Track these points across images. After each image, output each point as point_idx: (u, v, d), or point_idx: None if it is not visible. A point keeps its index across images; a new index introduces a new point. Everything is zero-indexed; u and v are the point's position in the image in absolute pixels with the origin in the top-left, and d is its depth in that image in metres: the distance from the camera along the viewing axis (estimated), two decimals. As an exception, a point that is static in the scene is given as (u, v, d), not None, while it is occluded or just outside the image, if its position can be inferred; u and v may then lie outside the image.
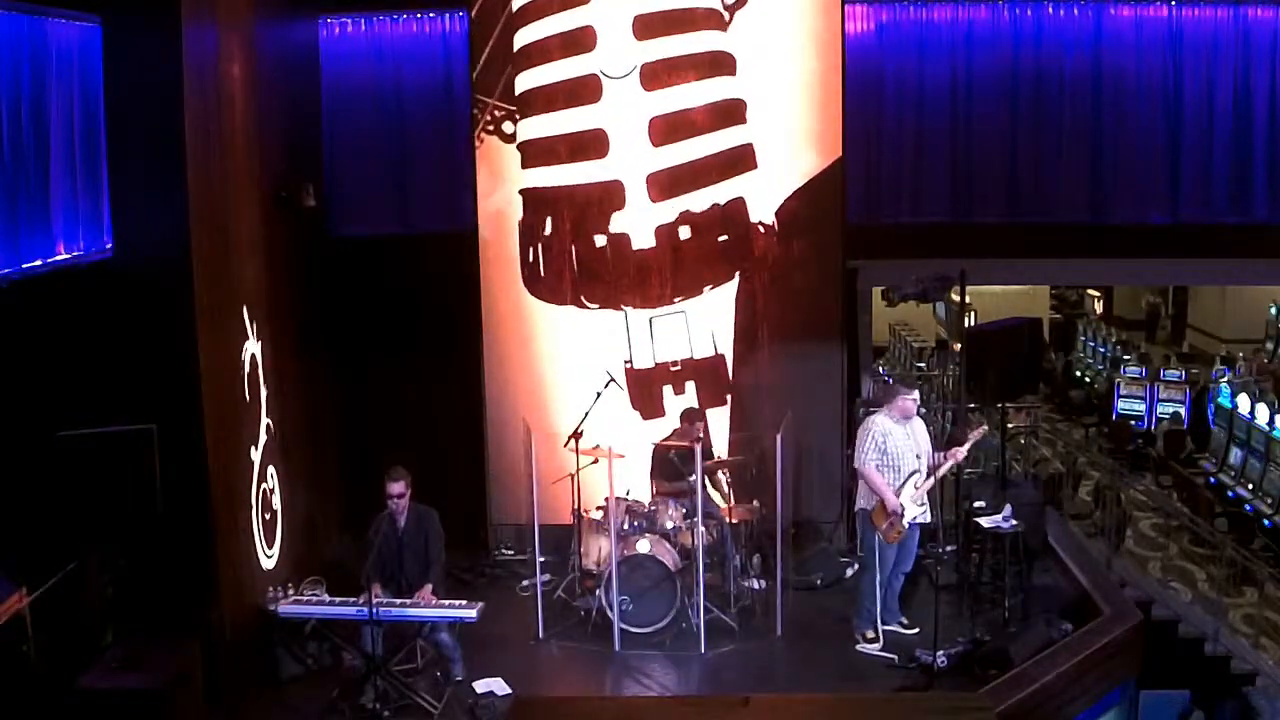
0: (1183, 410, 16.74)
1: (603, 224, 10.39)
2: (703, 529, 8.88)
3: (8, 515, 6.76)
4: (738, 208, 10.38)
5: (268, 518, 8.79)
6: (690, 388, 10.53)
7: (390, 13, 10.88)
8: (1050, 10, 10.91)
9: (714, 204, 10.34)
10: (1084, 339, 20.94)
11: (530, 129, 10.40)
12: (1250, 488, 13.71)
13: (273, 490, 8.93)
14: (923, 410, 11.07)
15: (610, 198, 10.34)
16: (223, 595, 7.81)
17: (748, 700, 6.81)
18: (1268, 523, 13.01)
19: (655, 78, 10.18)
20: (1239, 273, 12.99)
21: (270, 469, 8.89)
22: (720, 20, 10.24)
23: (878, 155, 11.13)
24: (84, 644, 7.13)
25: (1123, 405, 17.43)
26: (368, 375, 10.87)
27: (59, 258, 7.62)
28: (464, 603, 7.96)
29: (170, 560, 7.42)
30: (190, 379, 7.57)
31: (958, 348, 13.57)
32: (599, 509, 9.44)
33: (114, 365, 7.41)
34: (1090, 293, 24.97)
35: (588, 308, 10.53)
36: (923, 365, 18.88)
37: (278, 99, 9.39)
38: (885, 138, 11.12)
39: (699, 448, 8.88)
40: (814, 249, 10.46)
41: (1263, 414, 13.72)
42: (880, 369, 17.36)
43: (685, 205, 10.34)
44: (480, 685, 8.14)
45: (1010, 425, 11.92)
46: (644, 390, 10.51)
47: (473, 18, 10.39)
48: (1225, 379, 15.93)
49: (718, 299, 10.51)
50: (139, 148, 7.48)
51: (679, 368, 10.52)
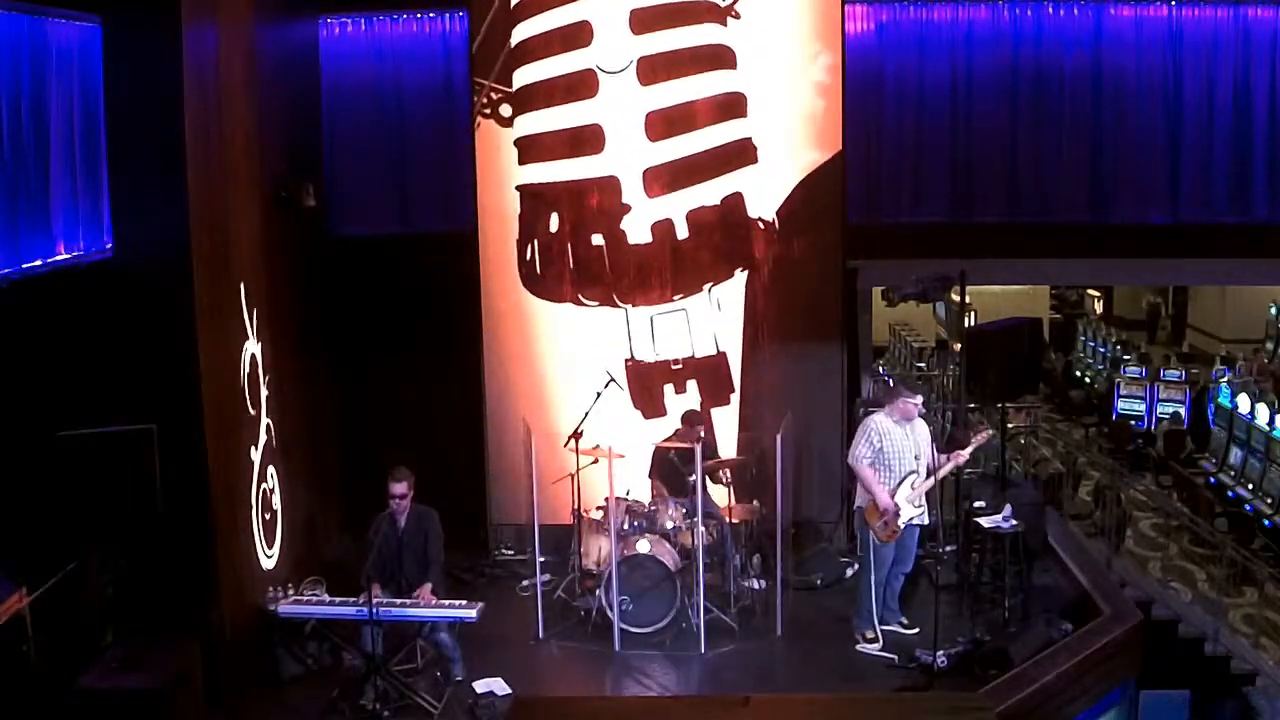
0: (1183, 410, 16.73)
1: (600, 220, 10.39)
2: (703, 529, 8.89)
3: (8, 515, 6.76)
4: (736, 203, 10.37)
5: (268, 518, 8.79)
6: (692, 387, 10.52)
7: (390, 13, 10.89)
8: (1050, 10, 10.91)
9: (712, 199, 10.31)
10: (1084, 339, 20.92)
11: (527, 125, 10.39)
12: (1250, 488, 13.70)
13: (273, 490, 8.93)
14: (923, 410, 11.07)
15: (607, 193, 10.33)
16: (223, 595, 7.82)
17: (748, 700, 6.81)
18: (1268, 523, 13.00)
19: (652, 72, 10.17)
20: (1239, 273, 12.98)
21: (270, 469, 8.88)
22: (719, 14, 10.21)
23: (878, 155, 11.13)
24: (84, 644, 7.13)
25: (1123, 405, 17.41)
26: (368, 375, 10.87)
27: (59, 258, 7.62)
28: (464, 603, 7.96)
29: (170, 560, 7.42)
30: (190, 379, 7.58)
31: (958, 348, 13.57)
32: (599, 509, 9.44)
33: (114, 365, 7.41)
34: (1090, 293, 24.95)
35: (586, 305, 10.52)
36: (923, 365, 18.87)
37: (278, 99, 9.38)
38: (885, 137, 11.13)
39: (699, 448, 8.89)
40: (814, 249, 10.46)
41: (1263, 414, 13.71)
42: (880, 369, 17.35)
43: (683, 201, 10.32)
44: (480, 685, 8.14)
45: (1010, 425, 11.92)
46: (645, 388, 10.50)
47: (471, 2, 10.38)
48: (1225, 379, 15.91)
49: (719, 297, 10.50)
50: (139, 148, 7.49)
51: (680, 366, 10.53)
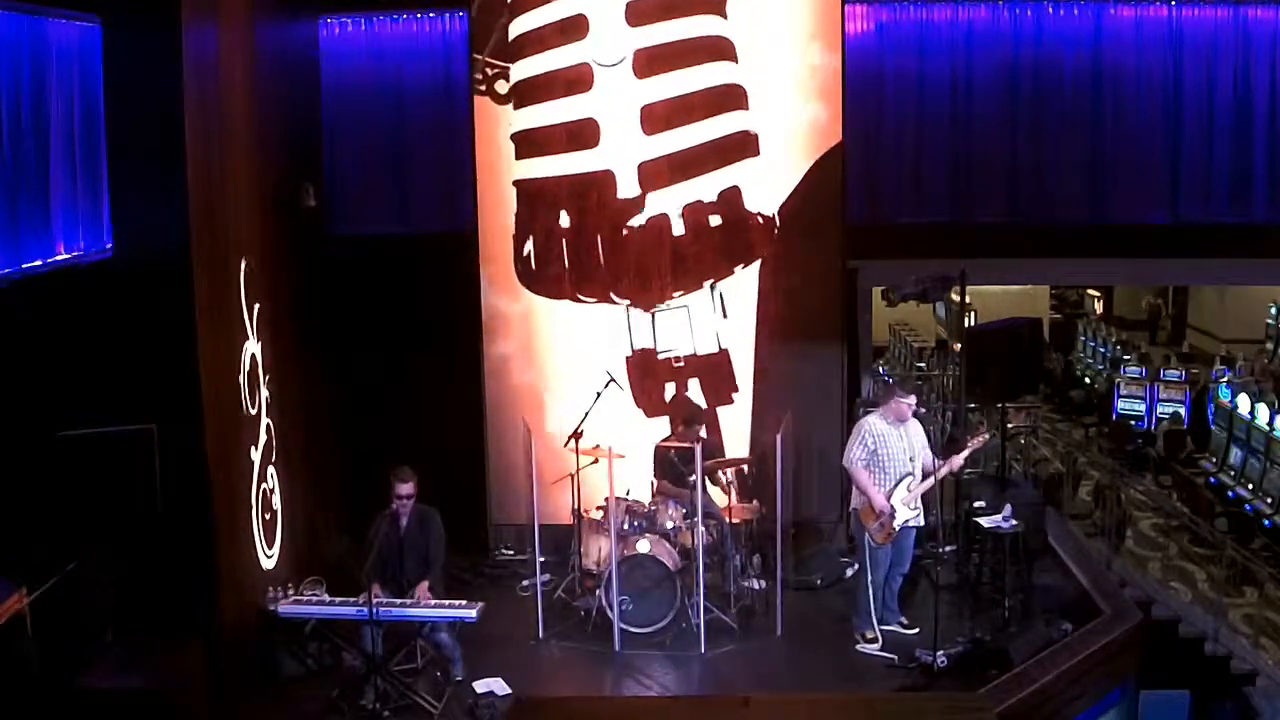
0: (1183, 410, 16.71)
1: (595, 215, 10.35)
2: (703, 529, 8.89)
3: (8, 515, 6.76)
4: (734, 198, 10.32)
5: (268, 518, 8.80)
6: (694, 385, 10.50)
7: (390, 13, 10.90)
8: (1050, 10, 10.92)
9: (710, 194, 10.26)
10: (1084, 339, 20.91)
11: (523, 119, 10.37)
12: (1250, 488, 13.68)
13: (273, 490, 8.93)
14: (922, 410, 11.06)
15: (603, 188, 10.29)
16: (223, 595, 7.82)
17: (748, 700, 6.81)
18: (1268, 523, 12.99)
19: (647, 65, 10.12)
20: (1239, 273, 12.99)
21: (270, 469, 8.89)
22: (717, 6, 10.18)
23: (878, 155, 11.13)
24: (84, 644, 7.13)
25: (1123, 405, 17.39)
26: (368, 375, 10.86)
27: (59, 258, 7.60)
28: (464, 603, 7.96)
29: (170, 560, 7.42)
30: (190, 379, 7.58)
31: (958, 348, 13.56)
32: (599, 509, 9.44)
33: (114, 365, 7.40)
34: (1090, 293, 24.94)
35: (584, 302, 10.50)
36: (923, 365, 18.83)
37: (278, 99, 9.39)
38: (885, 137, 11.13)
39: (699, 448, 8.89)
40: (814, 249, 10.46)
41: (1263, 414, 13.71)
42: (880, 369, 17.34)
43: (681, 195, 10.27)
44: (480, 685, 8.14)
45: (1010, 425, 11.91)
46: (646, 385, 10.47)
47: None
48: (1225, 379, 15.91)
49: (722, 293, 10.46)
50: (139, 148, 7.50)
51: (681, 364, 10.51)
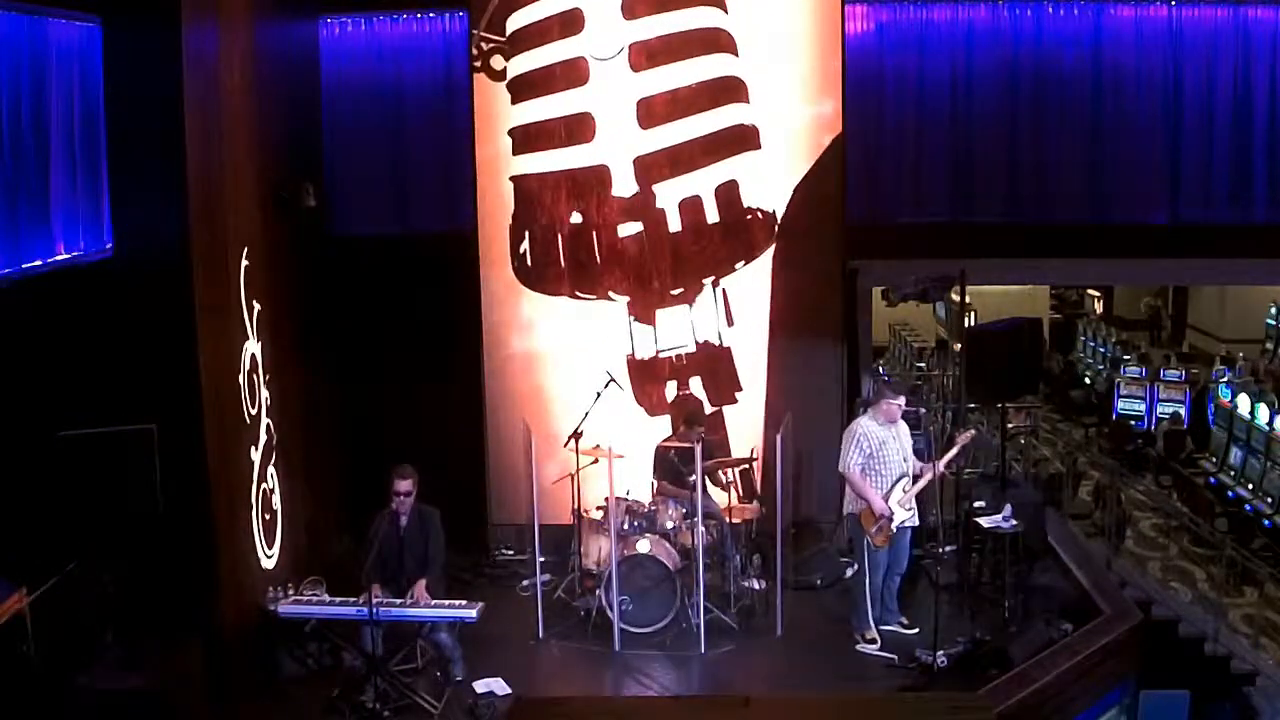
0: (1183, 410, 16.71)
1: (592, 210, 10.31)
2: (703, 529, 8.88)
3: (8, 515, 6.76)
4: (732, 192, 10.27)
5: (268, 518, 8.80)
6: (696, 384, 10.47)
7: (390, 13, 10.90)
8: (1050, 9, 10.92)
9: (708, 188, 10.22)
10: (1084, 339, 20.91)
11: (519, 114, 10.33)
12: (1250, 488, 13.68)
13: (273, 490, 8.93)
14: (923, 410, 11.05)
15: (599, 183, 10.26)
16: (223, 595, 7.83)
17: (748, 700, 6.81)
18: (1268, 523, 12.98)
19: (643, 58, 10.09)
20: (1239, 273, 12.98)
21: (270, 469, 8.89)
22: None
23: (878, 155, 11.13)
24: (84, 644, 7.13)
25: (1123, 405, 17.38)
26: (367, 375, 10.86)
27: (59, 258, 7.60)
28: (464, 603, 7.97)
29: (170, 560, 7.42)
30: (190, 379, 7.58)
31: (958, 348, 13.56)
32: (599, 509, 9.43)
33: (114, 365, 7.40)
34: (1090, 293, 24.93)
35: (582, 299, 10.46)
36: (923, 365, 18.83)
37: (278, 99, 9.39)
38: (885, 137, 11.13)
39: (699, 448, 8.88)
40: (814, 249, 10.45)
41: (1263, 414, 13.71)
42: (880, 369, 17.33)
43: (678, 189, 10.21)
44: (480, 685, 8.14)
45: (1010, 425, 11.91)
46: (648, 385, 10.45)
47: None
48: (1225, 379, 15.90)
49: (725, 290, 10.44)
50: (139, 148, 7.49)
51: (684, 362, 10.49)
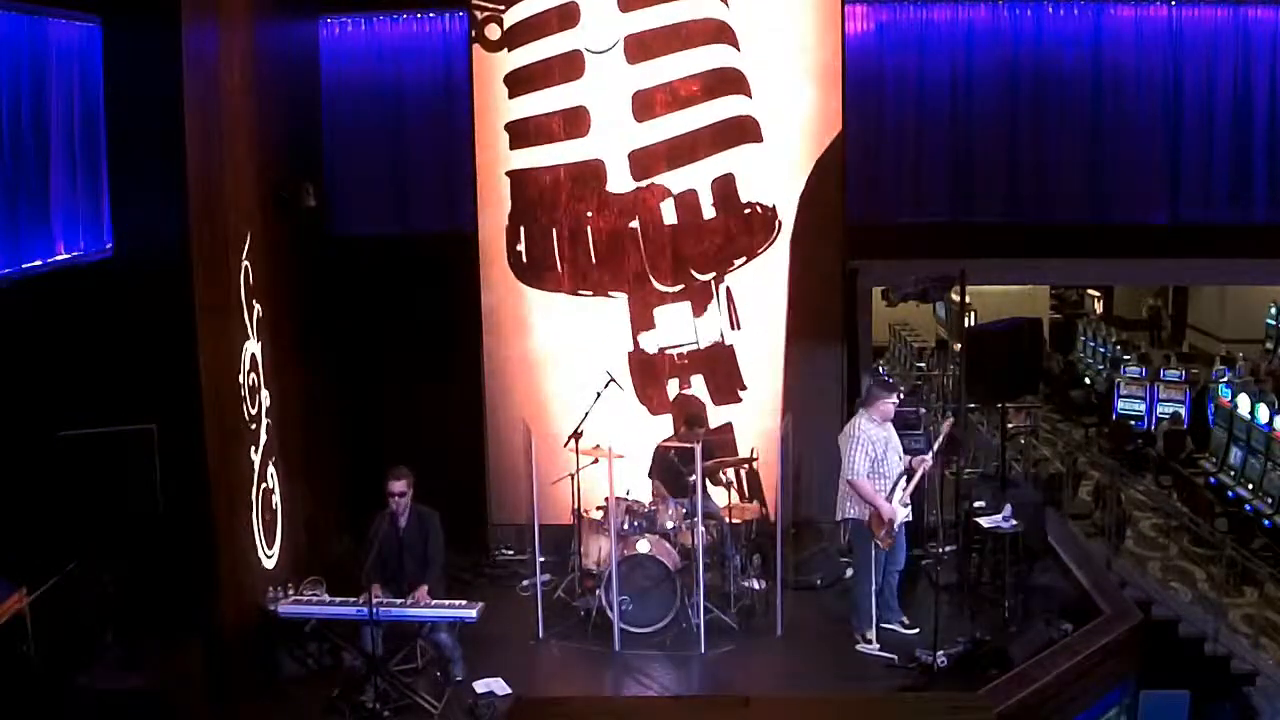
0: (1183, 410, 16.72)
1: (588, 205, 10.28)
2: (703, 529, 8.88)
3: (8, 515, 6.76)
4: (728, 185, 10.22)
5: (268, 518, 8.80)
6: (699, 382, 10.44)
7: (390, 13, 10.90)
8: (1050, 9, 10.91)
9: (703, 181, 10.18)
10: (1084, 339, 20.92)
11: (516, 109, 10.30)
12: (1250, 488, 13.68)
13: (273, 490, 8.93)
14: (922, 410, 11.06)
15: (595, 177, 10.23)
16: (223, 595, 7.82)
17: (748, 700, 6.81)
18: (1268, 523, 12.99)
19: (639, 50, 10.05)
20: (1239, 273, 12.98)
21: (270, 469, 8.89)
22: None
23: (878, 155, 11.13)
24: (84, 644, 7.13)
25: (1123, 405, 17.39)
26: (367, 375, 10.87)
27: (59, 258, 7.61)
28: (464, 603, 7.97)
29: (170, 560, 7.42)
30: (190, 379, 7.59)
31: (958, 348, 13.56)
32: (599, 509, 9.43)
33: (114, 365, 7.40)
34: (1090, 293, 24.94)
35: (580, 295, 10.42)
36: (923, 365, 18.85)
37: (278, 99, 9.39)
38: (885, 137, 11.12)
39: (699, 448, 8.88)
40: (814, 249, 10.45)
41: (1263, 414, 13.71)
42: (880, 369, 17.34)
43: (675, 183, 10.18)
44: (480, 685, 8.14)
45: (1010, 425, 11.91)
46: (649, 383, 10.42)
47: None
48: (1225, 379, 15.91)
49: (728, 287, 10.40)
50: (139, 148, 7.50)
51: (685, 360, 10.45)
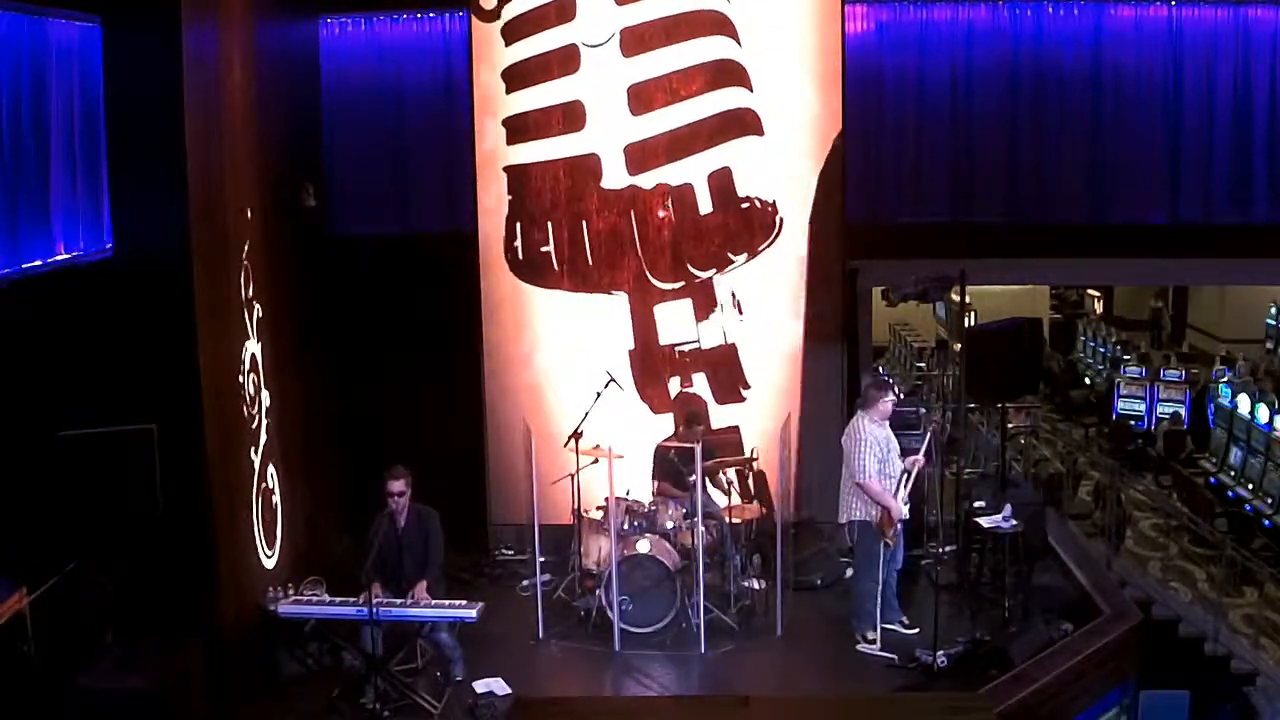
0: (1183, 410, 16.73)
1: (584, 200, 10.25)
2: (703, 529, 8.88)
3: (8, 515, 6.76)
4: (725, 178, 10.18)
5: (268, 518, 8.79)
6: (700, 381, 10.41)
7: (390, 13, 10.90)
8: (1050, 9, 10.91)
9: (699, 175, 10.16)
10: (1084, 339, 20.93)
11: (513, 104, 10.28)
12: (1250, 488, 13.69)
13: (273, 490, 8.93)
14: (922, 410, 11.06)
15: (590, 172, 10.20)
16: (223, 595, 7.82)
17: (748, 700, 6.81)
18: (1268, 523, 12.99)
19: (635, 43, 10.02)
20: (1239, 273, 12.99)
21: (270, 469, 8.89)
22: None
23: (878, 155, 11.13)
24: (84, 644, 7.13)
25: (1123, 405, 17.40)
26: (367, 375, 10.86)
27: (59, 258, 7.60)
28: (464, 603, 7.96)
29: (170, 560, 7.42)
30: (190, 379, 7.58)
31: (958, 348, 13.56)
32: (599, 509, 9.43)
33: (114, 365, 7.40)
34: (1090, 293, 24.95)
35: (578, 293, 10.38)
36: (923, 365, 18.86)
37: (278, 99, 9.39)
38: (885, 137, 11.12)
39: (699, 448, 8.89)
40: (814, 249, 10.43)
41: (1263, 414, 13.72)
42: (880, 369, 17.35)
43: (671, 176, 10.15)
44: (480, 685, 8.14)
45: (1010, 425, 11.92)
46: (650, 381, 10.38)
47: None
48: (1225, 379, 15.91)
49: (731, 286, 10.37)
50: (139, 148, 7.50)
51: (687, 358, 10.41)
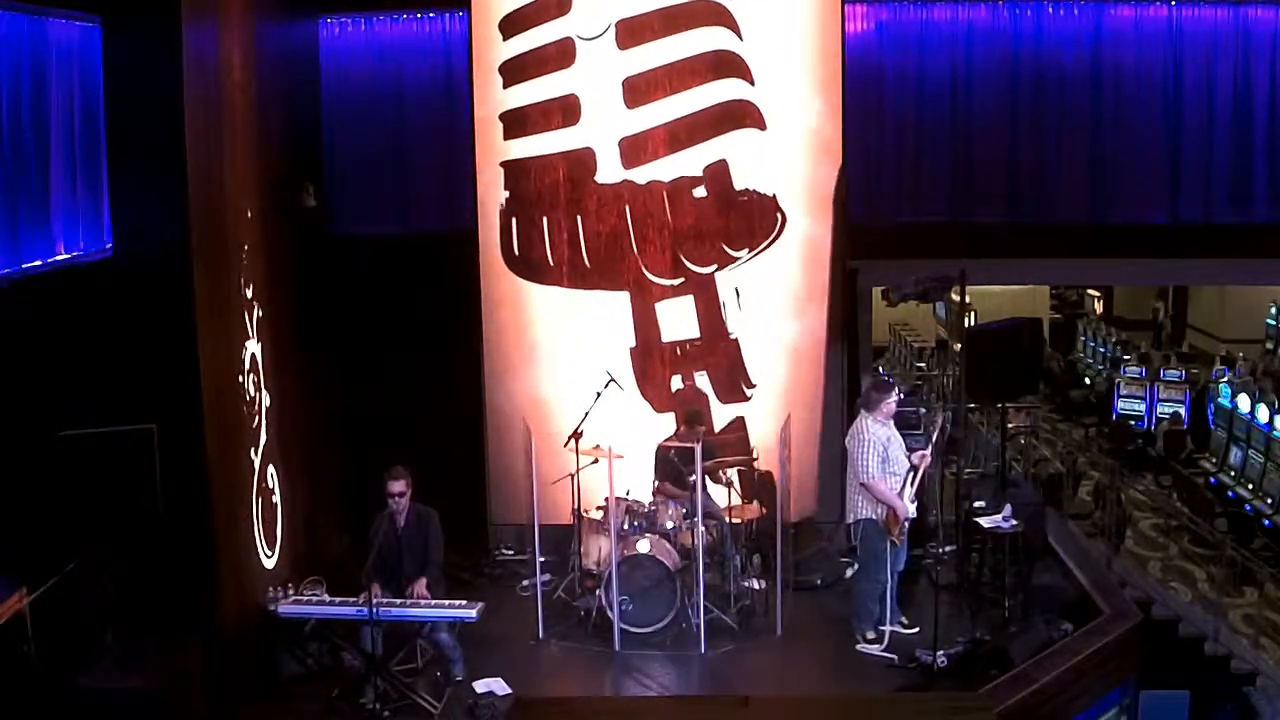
0: (1183, 410, 16.73)
1: (581, 194, 10.21)
2: (703, 529, 8.88)
3: (8, 515, 6.76)
4: (722, 171, 10.12)
5: (268, 518, 8.79)
6: (703, 379, 10.37)
7: (390, 13, 10.92)
8: (1050, 9, 10.93)
9: (695, 167, 10.09)
10: (1084, 339, 20.93)
11: (510, 99, 10.24)
12: (1250, 488, 13.69)
13: (273, 490, 8.93)
14: (922, 410, 11.07)
15: (586, 166, 10.16)
16: (223, 595, 7.82)
17: (748, 700, 6.79)
18: (1268, 523, 12.99)
19: (630, 36, 9.97)
20: (1239, 273, 12.99)
21: (270, 469, 8.89)
22: None
23: (878, 155, 11.13)
24: (84, 644, 7.14)
25: (1123, 405, 17.39)
26: (367, 375, 10.86)
27: (59, 258, 7.61)
28: (464, 603, 7.96)
29: (170, 560, 7.42)
30: (190, 379, 7.58)
31: (958, 348, 13.57)
32: (599, 509, 9.43)
33: (114, 365, 7.41)
34: (1090, 293, 24.94)
35: (577, 289, 10.34)
36: (923, 365, 18.87)
37: (278, 99, 9.39)
38: (885, 137, 11.13)
39: (699, 448, 8.88)
40: (814, 248, 10.43)
41: (1263, 414, 13.72)
42: (880, 369, 17.35)
43: (667, 169, 10.10)
44: (480, 685, 8.15)
45: (1010, 425, 11.92)
46: (651, 379, 10.35)
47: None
48: (1225, 379, 15.91)
49: (735, 284, 10.32)
50: (139, 148, 7.50)
51: (688, 356, 10.36)
